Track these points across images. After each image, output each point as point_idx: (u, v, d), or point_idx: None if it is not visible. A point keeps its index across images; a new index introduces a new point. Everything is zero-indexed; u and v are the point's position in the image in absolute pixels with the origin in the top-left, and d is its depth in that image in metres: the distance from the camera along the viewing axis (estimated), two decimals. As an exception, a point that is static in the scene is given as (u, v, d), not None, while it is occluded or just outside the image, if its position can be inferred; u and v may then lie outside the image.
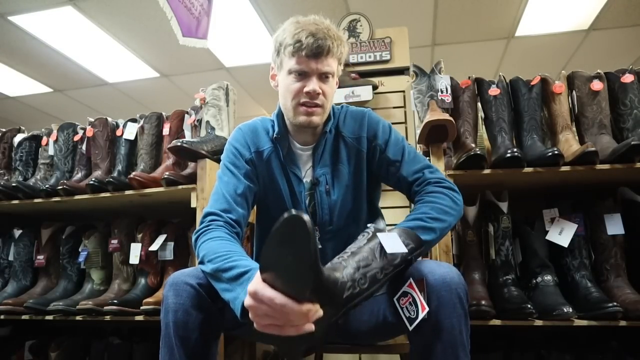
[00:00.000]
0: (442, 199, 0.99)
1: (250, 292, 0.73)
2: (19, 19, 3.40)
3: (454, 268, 0.88)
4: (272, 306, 0.70)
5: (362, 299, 0.81)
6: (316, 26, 1.03)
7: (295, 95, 1.06)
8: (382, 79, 2.11)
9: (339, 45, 1.06)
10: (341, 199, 1.12)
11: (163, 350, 0.88)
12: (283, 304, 0.69)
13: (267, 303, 0.71)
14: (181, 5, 1.98)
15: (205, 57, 4.03)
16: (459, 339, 0.82)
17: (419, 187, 1.05)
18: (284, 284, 0.70)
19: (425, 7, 3.43)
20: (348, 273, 0.79)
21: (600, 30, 3.73)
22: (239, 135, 1.16)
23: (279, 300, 0.70)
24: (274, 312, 0.71)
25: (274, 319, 0.72)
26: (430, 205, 0.97)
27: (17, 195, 1.82)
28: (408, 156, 1.11)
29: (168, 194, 1.63)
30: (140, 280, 1.71)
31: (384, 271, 0.84)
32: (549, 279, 1.39)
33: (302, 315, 0.70)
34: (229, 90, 1.77)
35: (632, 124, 1.45)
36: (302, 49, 1.01)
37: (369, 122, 1.16)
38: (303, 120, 1.07)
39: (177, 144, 1.54)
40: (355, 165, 1.14)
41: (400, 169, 1.09)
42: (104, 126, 1.85)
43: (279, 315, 0.71)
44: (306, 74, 1.04)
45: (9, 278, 1.93)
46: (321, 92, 1.05)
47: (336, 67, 1.09)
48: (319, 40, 1.01)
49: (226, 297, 0.85)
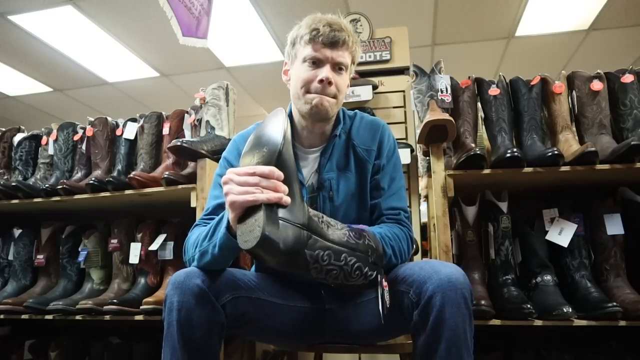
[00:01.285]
0: (403, 243, 1.04)
1: (227, 172, 0.84)
2: (19, 18, 3.40)
3: (459, 268, 0.88)
4: (245, 171, 0.81)
5: (322, 241, 0.84)
6: (333, 19, 1.05)
7: (306, 82, 1.05)
8: (382, 78, 2.11)
9: (354, 42, 1.07)
10: (345, 206, 1.11)
11: (165, 350, 0.88)
12: (254, 167, 0.82)
13: (240, 171, 0.82)
14: (181, 4, 1.98)
15: (205, 56, 4.03)
16: (463, 339, 0.82)
17: (389, 220, 1.09)
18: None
19: (425, 7, 3.43)
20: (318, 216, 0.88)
21: (600, 30, 3.73)
22: (232, 146, 1.17)
23: (250, 168, 0.82)
24: (246, 177, 0.80)
25: (246, 185, 0.80)
26: (395, 242, 1.02)
27: (16, 194, 1.82)
28: (393, 189, 1.12)
29: (168, 194, 1.63)
30: (140, 280, 1.71)
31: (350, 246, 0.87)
32: (549, 279, 1.39)
33: (270, 173, 0.80)
34: (229, 90, 1.77)
35: (632, 124, 1.45)
36: (318, 36, 1.03)
37: (382, 136, 1.15)
38: (314, 103, 1.04)
39: (177, 143, 1.54)
40: (360, 175, 1.12)
41: (381, 197, 1.11)
42: (103, 126, 1.85)
43: (251, 180, 0.80)
44: (320, 62, 1.04)
45: (8, 277, 1.93)
46: (334, 82, 1.04)
47: (350, 63, 1.09)
48: (336, 30, 1.03)
49: (216, 243, 0.89)
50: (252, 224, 0.78)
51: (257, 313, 1.01)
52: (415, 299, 0.87)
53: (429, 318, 0.83)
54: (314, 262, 0.82)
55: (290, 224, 0.80)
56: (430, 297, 0.83)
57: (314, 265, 0.82)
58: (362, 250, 0.88)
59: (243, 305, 0.97)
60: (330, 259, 0.83)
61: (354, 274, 0.86)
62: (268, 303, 1.03)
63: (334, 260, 0.84)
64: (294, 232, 0.80)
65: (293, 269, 0.84)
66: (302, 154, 1.14)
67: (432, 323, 0.83)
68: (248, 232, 0.78)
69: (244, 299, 0.97)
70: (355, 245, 0.88)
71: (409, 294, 0.88)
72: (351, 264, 0.85)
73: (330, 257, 0.83)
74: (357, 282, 0.88)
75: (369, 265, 0.88)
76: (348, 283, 0.87)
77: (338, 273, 0.85)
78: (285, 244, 0.77)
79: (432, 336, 0.83)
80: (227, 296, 0.94)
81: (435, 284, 0.84)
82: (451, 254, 1.38)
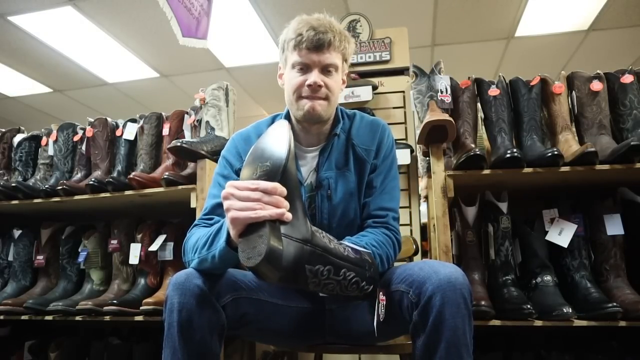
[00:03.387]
0: (389, 249, 1.04)
1: (227, 185, 0.82)
2: (18, 19, 3.40)
3: (459, 268, 0.88)
4: (246, 186, 0.80)
5: (325, 256, 0.83)
6: (318, 21, 1.04)
7: (297, 88, 1.05)
8: (382, 79, 2.11)
9: (342, 40, 1.06)
10: (343, 205, 1.10)
11: (166, 350, 0.88)
12: (257, 183, 0.80)
13: (241, 186, 0.81)
14: (181, 5, 1.98)
15: (205, 57, 4.03)
16: (463, 339, 0.82)
17: (375, 225, 1.07)
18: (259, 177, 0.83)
19: (425, 7, 3.43)
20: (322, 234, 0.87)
21: (600, 31, 3.73)
22: (230, 145, 1.16)
23: (252, 183, 0.81)
24: (248, 192, 0.79)
25: (248, 201, 0.79)
26: (382, 250, 1.01)
27: (16, 195, 1.82)
28: (385, 188, 1.11)
29: (168, 194, 1.63)
30: (139, 281, 1.71)
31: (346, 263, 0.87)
32: (549, 279, 1.39)
33: (272, 189, 0.79)
34: (229, 91, 1.77)
35: (632, 124, 1.45)
36: (302, 42, 1.02)
37: (381, 136, 1.14)
38: (306, 109, 1.05)
39: (176, 144, 1.54)
40: (359, 175, 1.12)
41: (372, 196, 1.10)
42: (103, 126, 1.85)
43: (253, 195, 0.79)
44: (308, 67, 1.04)
45: (8, 278, 1.93)
46: (323, 84, 1.04)
47: (340, 62, 1.08)
48: (320, 33, 1.02)
49: (216, 255, 0.88)
50: (255, 241, 0.77)
51: (258, 314, 1.01)
52: (414, 299, 0.87)
53: (428, 318, 0.83)
54: (312, 277, 0.82)
55: (293, 240, 0.79)
56: (430, 297, 0.83)
57: (313, 280, 0.82)
58: (361, 264, 0.88)
59: (243, 306, 0.97)
60: (329, 274, 0.83)
61: (350, 287, 0.86)
62: (268, 304, 1.03)
63: (333, 275, 0.84)
64: (297, 248, 0.79)
65: (292, 285, 0.84)
66: (300, 152, 1.14)
67: (431, 323, 0.83)
68: (251, 249, 0.76)
69: (244, 300, 0.98)
70: (355, 260, 0.88)
71: (409, 294, 0.88)
72: (349, 279, 0.86)
73: (330, 271, 0.83)
74: (351, 294, 0.88)
75: (366, 279, 0.88)
76: (342, 294, 0.87)
77: (335, 286, 0.85)
78: (288, 260, 0.77)
79: (431, 336, 0.83)
80: (228, 297, 0.94)
81: (435, 284, 0.84)
82: (451, 254, 1.38)
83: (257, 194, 0.79)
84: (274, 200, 0.79)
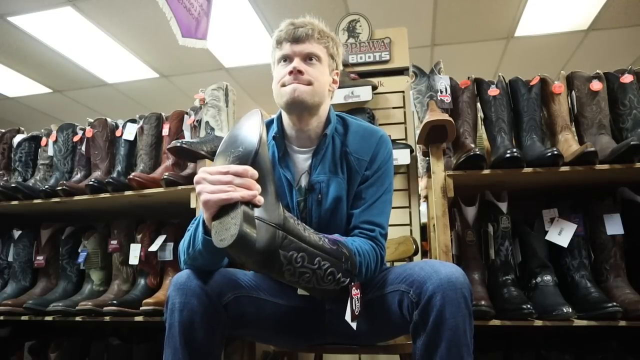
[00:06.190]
0: (372, 262, 1.01)
1: (200, 171, 0.84)
2: (18, 19, 3.40)
3: (459, 268, 0.88)
4: (217, 170, 0.82)
5: (297, 242, 0.83)
6: (300, 19, 1.08)
7: (281, 78, 1.06)
8: (381, 79, 2.11)
9: (324, 36, 1.08)
10: (332, 211, 1.07)
11: (167, 351, 0.88)
12: (228, 167, 0.82)
13: (213, 170, 0.83)
14: (180, 5, 1.98)
15: (205, 57, 4.03)
16: (463, 339, 0.82)
17: (361, 236, 1.05)
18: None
19: (425, 7, 3.43)
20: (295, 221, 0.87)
21: (600, 31, 3.73)
22: None
23: (224, 167, 0.83)
24: (219, 176, 0.81)
25: (219, 184, 0.80)
26: (364, 259, 0.98)
27: (16, 195, 1.82)
28: (374, 201, 1.08)
29: (167, 195, 1.63)
30: (139, 281, 1.71)
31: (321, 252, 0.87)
32: (549, 279, 1.39)
33: (243, 172, 0.81)
34: (229, 91, 1.77)
35: (632, 124, 1.45)
36: (282, 36, 1.06)
37: (377, 148, 1.11)
38: (289, 92, 1.03)
39: (176, 144, 1.54)
40: (349, 184, 1.10)
41: (359, 208, 1.07)
42: (103, 127, 1.85)
43: (224, 178, 0.80)
44: (289, 57, 1.06)
45: (8, 279, 1.93)
46: (305, 72, 1.04)
47: (324, 55, 1.08)
48: (299, 28, 1.05)
49: (200, 249, 0.89)
50: (228, 222, 0.77)
51: (258, 313, 1.01)
52: (415, 299, 0.87)
53: (429, 318, 0.83)
54: (287, 264, 0.81)
55: (266, 224, 0.79)
56: (430, 297, 0.83)
57: (287, 267, 0.81)
58: (337, 256, 0.88)
59: (244, 304, 0.97)
60: (304, 261, 0.83)
61: (326, 279, 0.86)
62: (268, 303, 1.03)
63: (308, 262, 0.83)
64: (270, 232, 0.79)
65: (267, 271, 0.83)
66: (292, 153, 1.13)
67: (432, 323, 0.83)
68: (224, 230, 0.77)
69: (245, 299, 0.98)
70: (330, 250, 0.87)
71: (409, 294, 0.88)
72: (324, 269, 0.85)
73: (304, 259, 0.83)
74: (328, 287, 0.88)
75: (342, 271, 0.88)
76: (319, 287, 0.87)
77: (311, 276, 0.84)
78: (261, 243, 0.76)
79: (432, 336, 0.83)
80: (229, 296, 0.94)
81: (435, 283, 0.84)
82: (451, 254, 1.38)
83: (228, 177, 0.81)
84: (246, 183, 0.81)
